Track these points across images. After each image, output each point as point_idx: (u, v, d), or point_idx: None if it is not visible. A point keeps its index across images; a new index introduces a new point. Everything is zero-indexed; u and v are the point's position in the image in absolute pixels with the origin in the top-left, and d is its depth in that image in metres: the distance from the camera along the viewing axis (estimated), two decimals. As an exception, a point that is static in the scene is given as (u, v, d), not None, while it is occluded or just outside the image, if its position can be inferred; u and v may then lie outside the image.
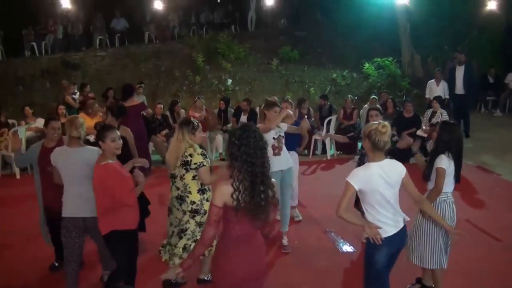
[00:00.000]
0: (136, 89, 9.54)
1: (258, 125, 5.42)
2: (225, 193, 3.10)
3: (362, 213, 5.93)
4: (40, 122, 10.56)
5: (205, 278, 5.19)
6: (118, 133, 4.32)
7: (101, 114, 8.79)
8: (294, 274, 5.53)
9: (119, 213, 4.26)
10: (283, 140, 6.01)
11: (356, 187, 3.66)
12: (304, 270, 5.60)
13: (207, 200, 4.80)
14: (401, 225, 3.83)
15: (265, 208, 3.17)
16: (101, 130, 4.31)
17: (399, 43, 16.23)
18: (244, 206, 3.09)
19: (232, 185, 3.10)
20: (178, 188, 4.79)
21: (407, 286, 5.09)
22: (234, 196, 3.07)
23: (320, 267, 5.65)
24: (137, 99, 9.80)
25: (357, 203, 5.98)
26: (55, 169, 4.73)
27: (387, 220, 3.74)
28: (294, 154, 6.73)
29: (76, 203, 4.62)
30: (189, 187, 4.73)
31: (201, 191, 4.79)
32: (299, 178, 7.46)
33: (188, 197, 4.75)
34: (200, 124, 4.89)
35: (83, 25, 16.78)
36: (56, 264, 5.62)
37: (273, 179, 3.28)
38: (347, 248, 6.16)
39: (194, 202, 4.76)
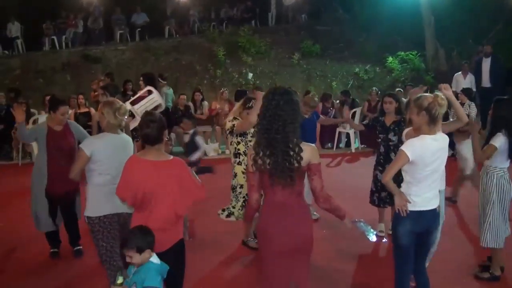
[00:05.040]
0: (155, 78, 9.43)
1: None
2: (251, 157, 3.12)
3: (378, 205, 5.81)
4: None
5: (248, 240, 5.64)
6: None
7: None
8: (326, 260, 5.33)
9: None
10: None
11: (411, 157, 3.48)
12: (335, 258, 5.46)
13: (238, 164, 5.31)
14: (433, 206, 3.67)
15: (288, 172, 3.04)
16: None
17: (422, 36, 15.90)
18: (268, 169, 3.05)
19: (253, 148, 3.10)
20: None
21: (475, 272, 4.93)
22: (254, 159, 3.08)
23: (351, 256, 5.48)
24: (164, 90, 9.78)
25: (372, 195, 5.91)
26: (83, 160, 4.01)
27: (419, 196, 3.60)
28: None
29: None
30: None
31: (234, 154, 5.34)
32: (324, 171, 7.18)
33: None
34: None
35: (103, 19, 16.78)
36: (56, 250, 5.48)
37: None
38: (375, 237, 5.99)
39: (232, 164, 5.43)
